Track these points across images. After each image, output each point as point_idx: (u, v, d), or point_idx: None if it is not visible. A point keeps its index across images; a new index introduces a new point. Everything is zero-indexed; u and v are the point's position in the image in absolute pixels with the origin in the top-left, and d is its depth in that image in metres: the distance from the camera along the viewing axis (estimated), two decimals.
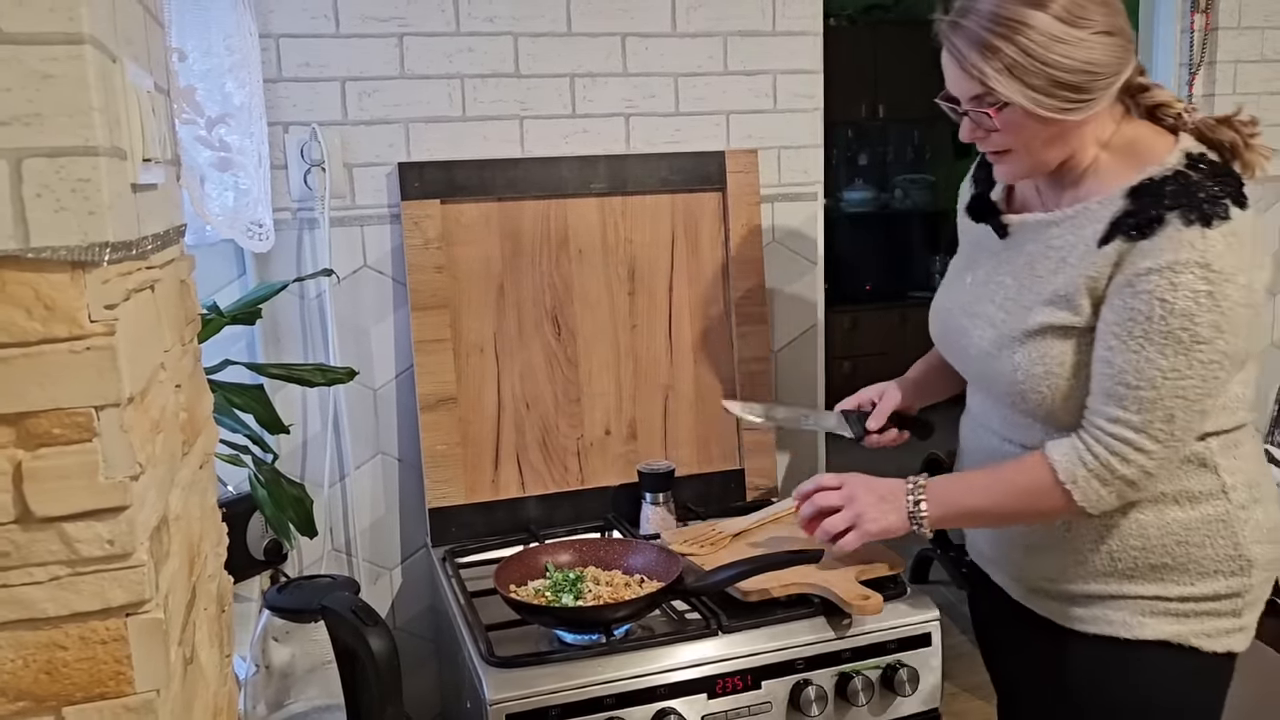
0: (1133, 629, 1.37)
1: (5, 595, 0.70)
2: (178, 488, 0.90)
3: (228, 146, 1.50)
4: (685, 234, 1.91)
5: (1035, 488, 1.30)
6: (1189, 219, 1.20)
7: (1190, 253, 1.19)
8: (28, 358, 0.68)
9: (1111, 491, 1.27)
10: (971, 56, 1.24)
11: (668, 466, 1.77)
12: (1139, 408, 1.23)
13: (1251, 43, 2.27)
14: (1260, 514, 1.37)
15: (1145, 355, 1.22)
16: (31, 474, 0.69)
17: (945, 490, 1.37)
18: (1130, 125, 1.32)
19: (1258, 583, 1.38)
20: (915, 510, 1.37)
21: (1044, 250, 1.35)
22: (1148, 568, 1.36)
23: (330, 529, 1.82)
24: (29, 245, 0.67)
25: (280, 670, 1.40)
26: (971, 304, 1.44)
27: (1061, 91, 1.22)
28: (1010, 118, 1.26)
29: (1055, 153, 1.30)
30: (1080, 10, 1.21)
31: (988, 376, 1.41)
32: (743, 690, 1.38)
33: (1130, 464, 1.25)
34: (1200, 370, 1.22)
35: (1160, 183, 1.24)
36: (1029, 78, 1.21)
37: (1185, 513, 1.34)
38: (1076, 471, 1.27)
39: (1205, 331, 1.20)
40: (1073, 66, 1.21)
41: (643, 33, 1.87)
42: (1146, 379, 1.22)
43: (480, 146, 1.81)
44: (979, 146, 1.35)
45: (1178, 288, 1.20)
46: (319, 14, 1.70)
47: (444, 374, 1.77)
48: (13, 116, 0.66)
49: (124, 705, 0.73)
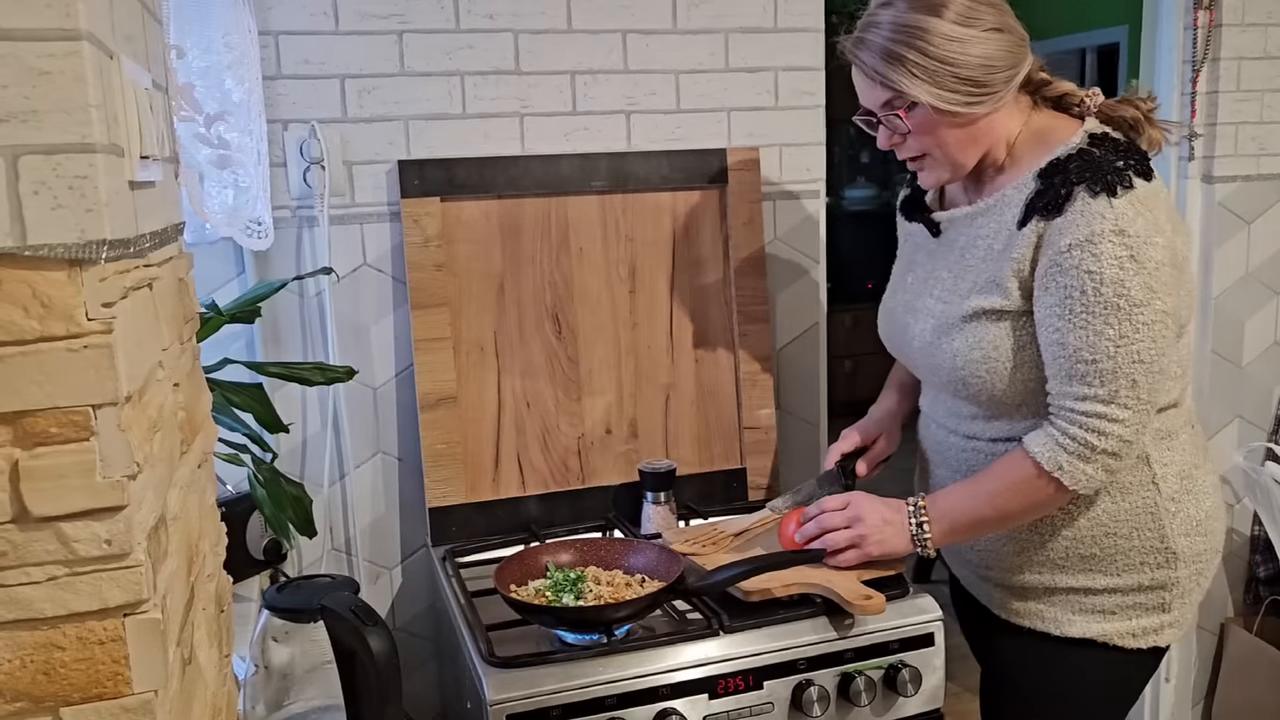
0: (1062, 626, 1.44)
1: (2, 595, 0.69)
2: (176, 487, 0.89)
3: (227, 144, 1.50)
4: (686, 232, 1.90)
5: (1024, 483, 1.34)
6: (1094, 190, 1.27)
7: (1103, 223, 1.26)
8: (25, 356, 0.67)
9: (1097, 468, 1.31)
10: (879, 66, 1.33)
11: (669, 466, 1.77)
12: (1101, 381, 1.28)
13: (1255, 39, 2.26)
14: (1192, 507, 1.42)
15: (1093, 329, 1.27)
16: (28, 473, 0.68)
17: (943, 507, 1.41)
18: (1039, 116, 1.40)
19: (1184, 576, 1.43)
20: (919, 533, 1.41)
21: (972, 241, 1.42)
22: (1077, 558, 1.42)
23: (330, 528, 1.81)
24: (26, 243, 0.66)
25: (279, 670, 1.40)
26: (913, 301, 1.51)
27: (964, 86, 1.32)
28: (921, 118, 1.34)
29: (969, 153, 1.38)
30: (972, 12, 1.31)
31: (930, 367, 1.47)
32: (744, 690, 1.38)
33: (1108, 437, 1.29)
34: (1146, 332, 1.27)
35: (1065, 161, 1.32)
36: (933, 77, 1.31)
37: (1115, 504, 1.40)
38: (1059, 458, 1.31)
39: (1139, 294, 1.26)
40: (970, 63, 1.30)
41: (644, 29, 1.86)
42: (1101, 351, 1.27)
43: (480, 144, 1.81)
44: (898, 154, 1.42)
45: (1101, 258, 1.26)
46: (318, 11, 1.69)
47: (444, 373, 1.76)
48: (9, 113, 0.66)
49: (122, 706, 0.72)
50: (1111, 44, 4.68)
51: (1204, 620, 2.46)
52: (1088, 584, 1.42)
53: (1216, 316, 2.34)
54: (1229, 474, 2.41)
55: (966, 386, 1.40)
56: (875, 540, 1.42)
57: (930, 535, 1.40)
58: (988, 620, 1.52)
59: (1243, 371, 2.39)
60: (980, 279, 1.38)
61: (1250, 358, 2.39)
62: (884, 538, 1.42)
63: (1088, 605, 1.42)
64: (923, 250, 1.52)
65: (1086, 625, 1.43)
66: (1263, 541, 2.40)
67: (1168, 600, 1.42)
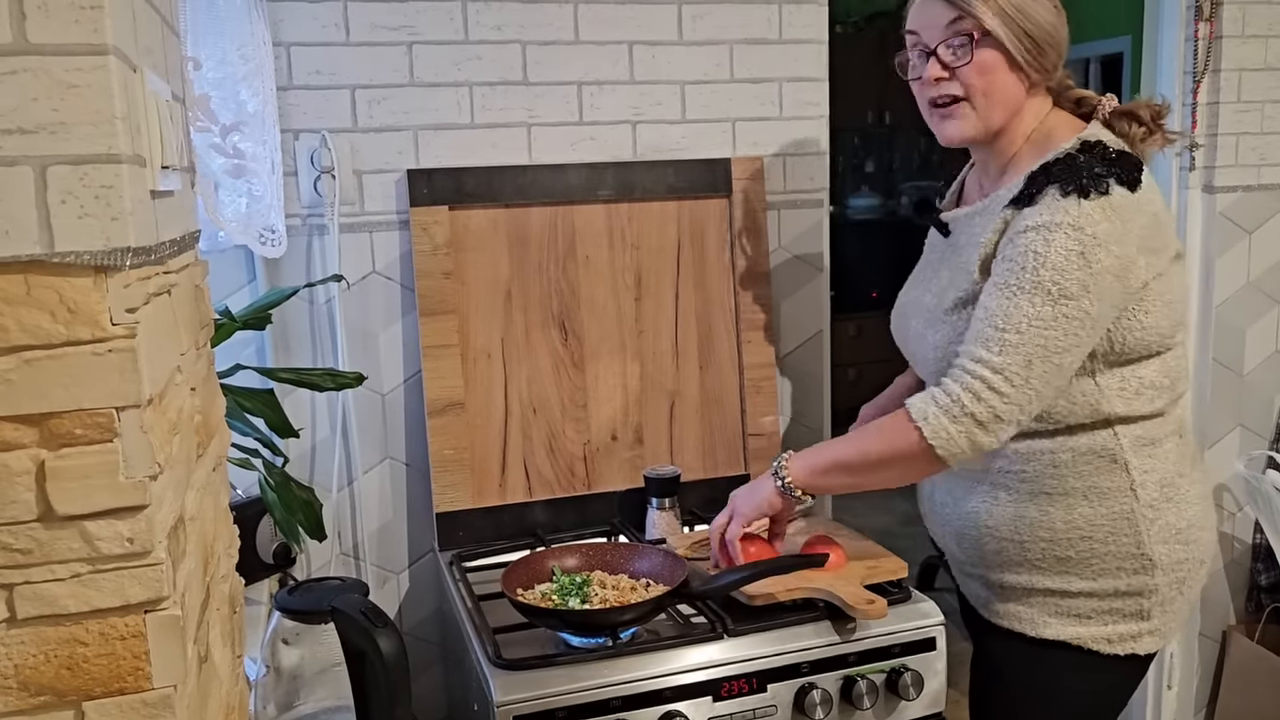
0: (1038, 628, 1.44)
1: (28, 592, 0.71)
2: (193, 489, 0.92)
3: (241, 154, 1.52)
4: (691, 240, 1.92)
5: (889, 428, 1.35)
6: (1066, 190, 1.30)
7: (1064, 215, 1.28)
8: (51, 359, 0.69)
9: (960, 431, 1.29)
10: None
11: (674, 471, 1.78)
12: (1000, 349, 1.28)
13: (1255, 51, 2.28)
14: (1172, 515, 1.41)
15: (1015, 302, 1.28)
16: (54, 473, 0.70)
17: (807, 452, 1.44)
18: (1053, 116, 1.43)
19: (1163, 584, 1.41)
20: (779, 473, 1.43)
21: (968, 239, 1.44)
22: (1054, 559, 1.42)
23: (338, 533, 1.83)
24: (54, 250, 0.69)
25: (290, 672, 1.41)
26: (918, 297, 1.53)
27: (1032, 44, 1.35)
28: (985, 57, 1.36)
29: (1004, 109, 1.39)
30: None
31: (920, 358, 1.49)
32: (748, 693, 1.39)
33: (981, 401, 1.28)
34: (1064, 325, 1.27)
35: (1051, 164, 1.34)
36: (1009, 20, 1.33)
37: (1092, 508, 1.39)
38: (928, 409, 1.31)
39: (1073, 288, 1.27)
40: (1044, 25, 1.35)
41: (650, 41, 1.89)
42: (1013, 323, 1.28)
43: (488, 153, 1.83)
44: (934, 91, 1.41)
45: (1050, 243, 1.28)
46: (329, 23, 1.72)
47: (451, 379, 1.78)
48: (39, 125, 0.68)
49: (143, 700, 0.74)
50: (1115, 54, 4.70)
51: (1206, 628, 2.46)
52: (1064, 586, 1.41)
53: (1218, 325, 2.36)
54: (1230, 482, 2.42)
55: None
56: (743, 500, 1.47)
57: (790, 476, 1.41)
58: (976, 619, 1.53)
59: (1244, 380, 2.40)
60: (964, 271, 1.41)
61: (1251, 366, 2.41)
62: (747, 494, 1.47)
63: (1064, 608, 1.42)
64: (936, 250, 1.55)
65: (1062, 628, 1.42)
66: (1264, 549, 2.41)
67: (1146, 608, 1.41)
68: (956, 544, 1.51)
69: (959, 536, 1.49)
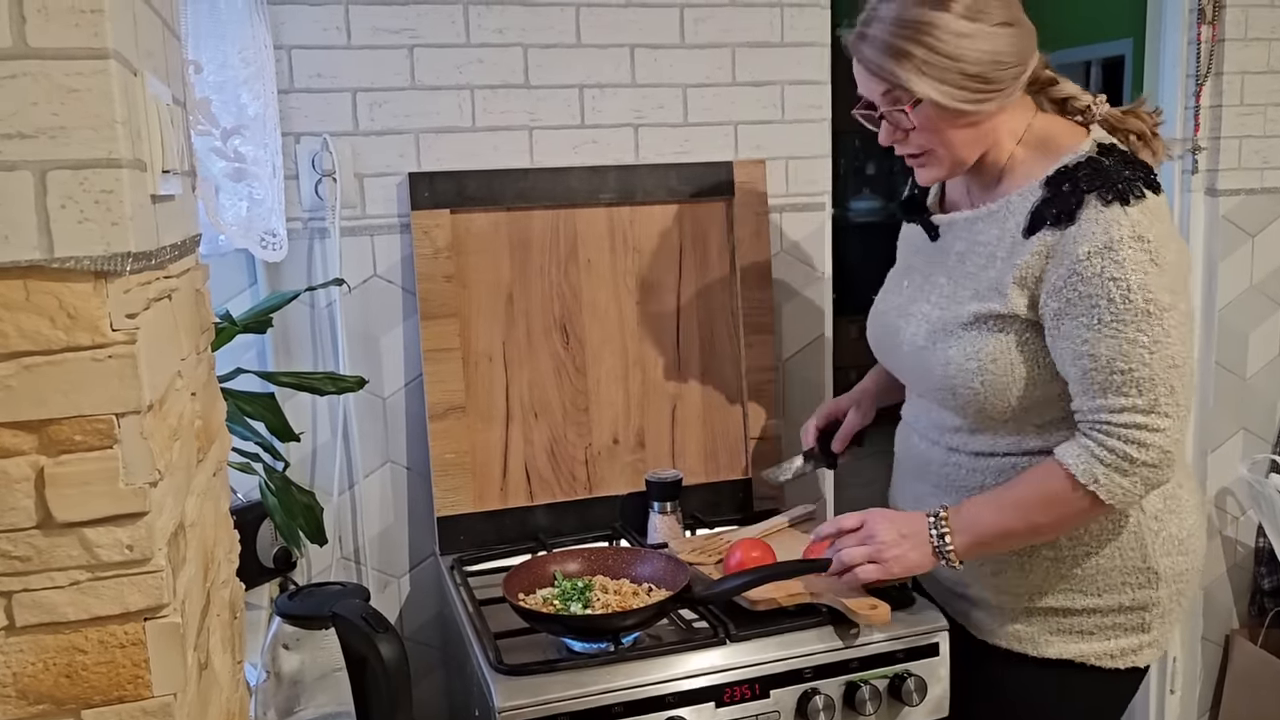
0: (1040, 647, 1.41)
1: (27, 599, 0.71)
2: (194, 494, 0.91)
3: (242, 157, 1.52)
4: (693, 244, 1.92)
5: (1057, 497, 1.29)
6: (1106, 199, 1.23)
7: (1120, 229, 1.22)
8: (51, 365, 0.69)
9: (1135, 481, 1.26)
10: (884, 62, 1.27)
11: (675, 475, 1.78)
12: (1139, 390, 1.23)
13: (1258, 54, 2.27)
14: (1174, 526, 1.39)
15: (1125, 336, 1.22)
16: (53, 480, 0.70)
17: (967, 518, 1.35)
18: (1043, 119, 1.36)
19: (1165, 596, 1.40)
20: (940, 545, 1.35)
21: (972, 246, 1.38)
22: (1058, 578, 1.39)
23: (339, 537, 1.83)
24: (53, 255, 0.68)
25: (290, 678, 1.41)
26: (906, 305, 1.47)
27: (972, 83, 1.26)
28: (925, 114, 1.29)
29: (972, 149, 1.33)
30: (980, 6, 1.26)
31: (918, 372, 1.43)
32: (750, 699, 1.39)
33: (1149, 448, 1.24)
34: (1177, 335, 1.24)
35: (1074, 169, 1.28)
36: (940, 74, 1.25)
37: (1098, 523, 1.36)
38: (1095, 470, 1.25)
39: (1165, 298, 1.23)
40: (979, 59, 1.26)
41: (651, 44, 1.88)
42: (1136, 360, 1.23)
43: (490, 156, 1.83)
44: (899, 150, 1.37)
45: (1123, 264, 1.22)
46: (331, 26, 1.72)
47: (453, 383, 1.78)
48: (39, 129, 0.68)
49: (142, 708, 0.74)
50: (1117, 56, 4.70)
51: (1209, 632, 2.46)
52: (1067, 604, 1.39)
53: (1220, 329, 2.35)
54: (1233, 486, 2.42)
55: (955, 396, 1.36)
56: (893, 555, 1.36)
57: (953, 546, 1.34)
58: (964, 640, 1.49)
59: (1247, 384, 2.40)
60: (980, 285, 1.35)
61: (1254, 370, 2.40)
62: (902, 552, 1.36)
63: (1066, 626, 1.40)
64: (920, 254, 1.49)
65: (1065, 646, 1.40)
66: (1267, 554, 2.41)
67: (1147, 620, 1.40)
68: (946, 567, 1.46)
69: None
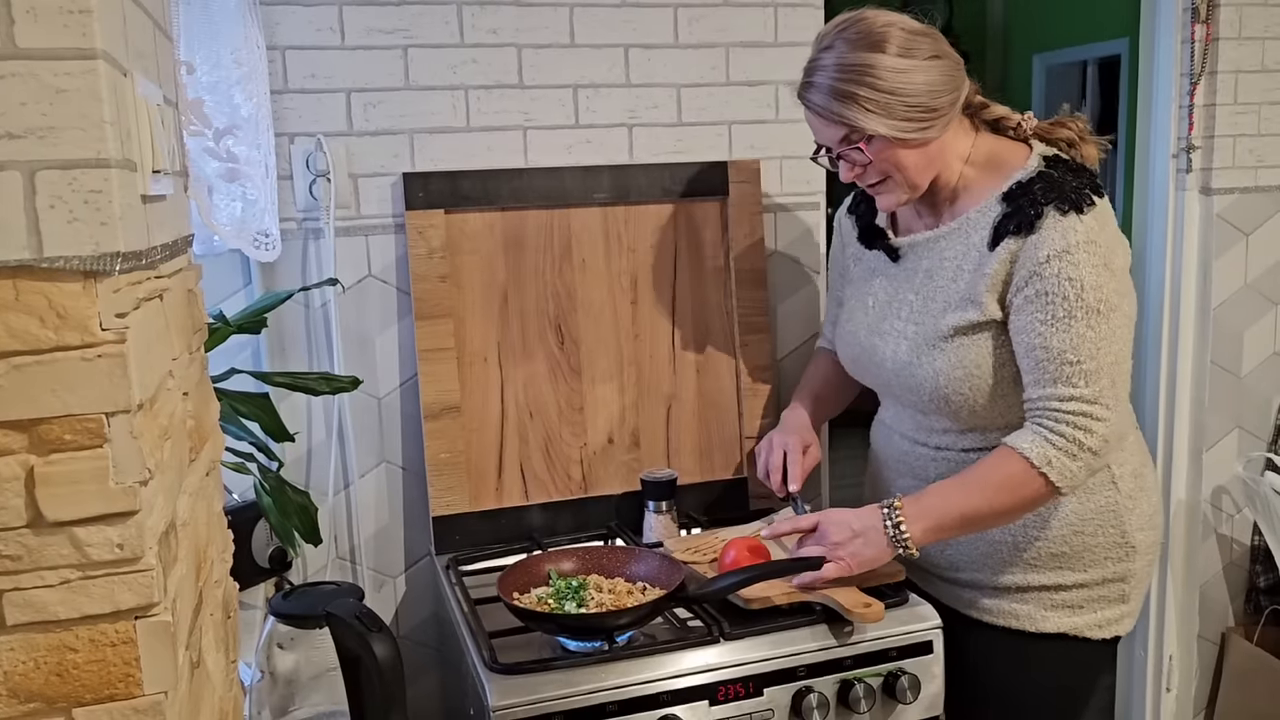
0: (1036, 622, 1.52)
1: (17, 598, 0.71)
2: (185, 494, 0.91)
3: (235, 157, 1.52)
4: (688, 243, 1.92)
5: (1013, 480, 1.38)
6: (1063, 209, 1.38)
7: (1076, 235, 1.36)
8: (40, 365, 0.69)
9: (1081, 465, 1.37)
10: (833, 106, 1.41)
11: (670, 475, 1.78)
12: (1086, 381, 1.36)
13: (1252, 53, 2.28)
14: (1145, 503, 1.53)
15: (1076, 331, 1.35)
16: (44, 479, 0.70)
17: (922, 507, 1.42)
18: (984, 139, 1.50)
19: (1140, 567, 1.54)
20: (896, 534, 1.41)
21: (938, 263, 1.50)
22: (1048, 556, 1.50)
23: (334, 537, 1.83)
24: (43, 255, 0.68)
25: (285, 677, 1.41)
26: (877, 324, 1.57)
27: (914, 113, 1.40)
28: (879, 148, 1.42)
29: (924, 173, 1.46)
30: (911, 44, 1.39)
31: (906, 386, 1.52)
32: (744, 697, 1.39)
33: (1093, 434, 1.36)
34: (1121, 334, 1.38)
35: (1029, 184, 1.42)
36: (886, 109, 1.39)
37: (1081, 504, 1.49)
38: (1048, 453, 1.36)
39: (1114, 298, 1.37)
40: (917, 90, 1.39)
41: (645, 44, 1.89)
42: (1085, 353, 1.36)
43: (484, 157, 1.83)
44: (860, 183, 1.50)
45: (1079, 265, 1.35)
46: (324, 26, 1.72)
47: (448, 383, 1.78)
48: (27, 129, 0.68)
49: (133, 707, 0.74)
50: (1113, 56, 4.71)
51: (1205, 630, 2.46)
52: (1058, 581, 1.50)
53: (1215, 327, 2.36)
54: (1228, 484, 2.42)
55: (948, 403, 1.47)
56: (849, 552, 1.41)
57: (910, 534, 1.40)
58: (951, 619, 1.52)
59: (1241, 382, 2.40)
60: (953, 297, 1.46)
61: (1249, 368, 2.41)
62: (856, 549, 1.41)
63: (1058, 601, 1.50)
64: (881, 275, 1.60)
65: (1059, 620, 1.51)
66: (1263, 551, 2.41)
67: (1127, 591, 1.52)
68: (938, 547, 1.54)
69: (944, 541, 1.50)
